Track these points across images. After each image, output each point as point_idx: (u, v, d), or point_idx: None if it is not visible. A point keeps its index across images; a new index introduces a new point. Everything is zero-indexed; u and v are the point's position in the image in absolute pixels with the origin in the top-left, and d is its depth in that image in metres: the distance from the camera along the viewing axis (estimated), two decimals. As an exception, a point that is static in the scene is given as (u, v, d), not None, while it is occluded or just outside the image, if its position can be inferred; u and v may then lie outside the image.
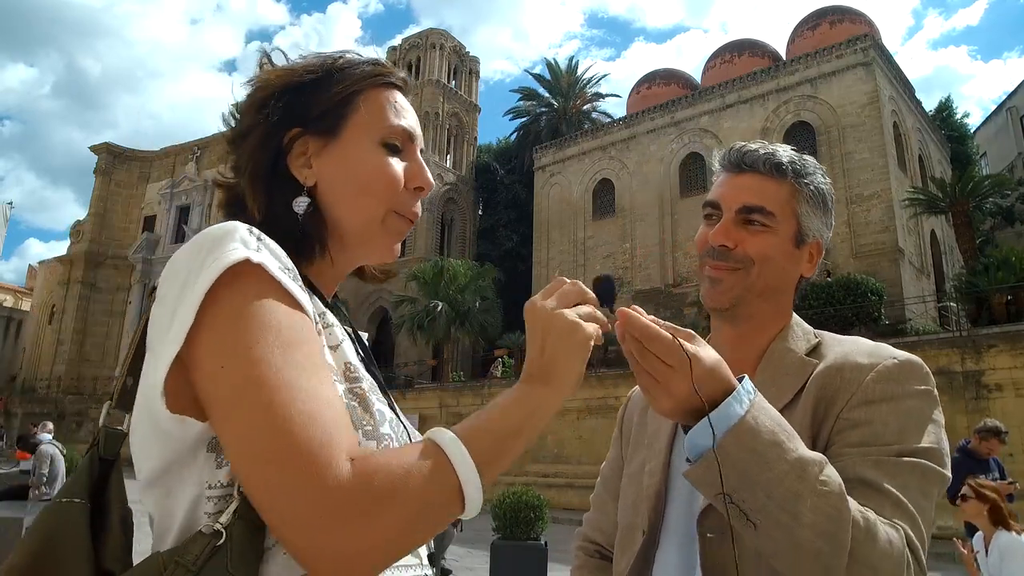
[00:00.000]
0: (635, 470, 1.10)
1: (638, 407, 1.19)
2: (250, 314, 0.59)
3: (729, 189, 1.03)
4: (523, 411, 0.66)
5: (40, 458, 8.16)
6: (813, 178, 1.02)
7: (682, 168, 25.24)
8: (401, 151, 0.79)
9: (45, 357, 35.11)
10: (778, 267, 1.01)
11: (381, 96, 0.79)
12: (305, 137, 0.76)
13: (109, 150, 37.35)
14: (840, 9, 26.79)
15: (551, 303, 0.70)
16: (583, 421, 17.16)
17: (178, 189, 35.56)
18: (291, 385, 0.57)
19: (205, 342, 0.59)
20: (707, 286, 1.04)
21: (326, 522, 0.54)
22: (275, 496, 0.55)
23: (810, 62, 22.74)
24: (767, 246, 1.00)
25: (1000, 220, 26.71)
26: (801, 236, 1.02)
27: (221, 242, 0.61)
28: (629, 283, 25.45)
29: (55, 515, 0.62)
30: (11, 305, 43.07)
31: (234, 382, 0.57)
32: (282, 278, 0.62)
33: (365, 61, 0.80)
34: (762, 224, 1.00)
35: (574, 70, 38.53)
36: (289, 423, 0.55)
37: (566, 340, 0.68)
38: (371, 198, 0.76)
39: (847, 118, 21.34)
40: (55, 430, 9.61)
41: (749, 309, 1.02)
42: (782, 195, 1.01)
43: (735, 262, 1.00)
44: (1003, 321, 13.37)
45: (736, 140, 1.13)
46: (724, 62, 28.22)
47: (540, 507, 6.77)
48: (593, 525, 1.23)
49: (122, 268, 35.54)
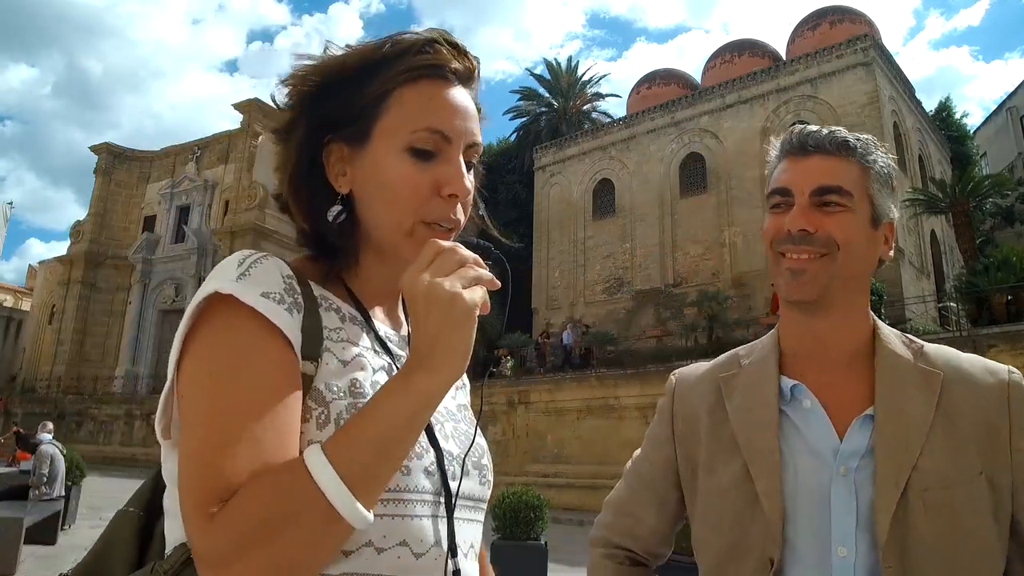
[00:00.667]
0: (725, 484, 0.96)
1: (702, 405, 1.04)
2: (208, 345, 0.63)
3: (798, 173, 0.96)
4: (406, 410, 0.61)
5: (40, 458, 8.17)
6: (878, 155, 0.97)
7: (682, 168, 25.22)
8: (435, 154, 0.72)
9: (45, 357, 35.08)
10: (862, 250, 0.94)
11: (415, 93, 0.72)
12: (339, 143, 0.74)
13: (109, 150, 37.32)
14: (840, 9, 26.78)
15: (427, 276, 0.62)
16: (583, 421, 17.15)
17: (178, 189, 35.52)
18: (214, 418, 0.60)
19: (181, 372, 0.65)
20: (788, 278, 0.95)
21: (200, 561, 0.58)
22: (184, 524, 0.60)
23: (810, 62, 22.73)
24: (850, 227, 0.93)
25: (1000, 220, 26.71)
26: (876, 217, 0.95)
27: (207, 281, 0.66)
28: (629, 283, 25.44)
29: (115, 522, 0.73)
30: (11, 305, 43.07)
31: (182, 414, 0.64)
32: (257, 303, 0.64)
33: (410, 49, 0.72)
34: (839, 205, 0.93)
35: (574, 70, 38.51)
36: (196, 461, 0.60)
37: (445, 314, 0.60)
38: (394, 209, 0.72)
39: (847, 118, 21.32)
40: (55, 430, 9.61)
41: (837, 299, 0.94)
42: (853, 174, 0.95)
43: (819, 246, 0.92)
44: (1003, 321, 13.36)
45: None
46: (724, 62, 28.21)
47: (540, 507, 6.76)
48: (621, 531, 1.11)
49: (122, 268, 35.51)
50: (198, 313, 0.65)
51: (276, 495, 0.57)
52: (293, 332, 0.65)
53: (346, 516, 0.58)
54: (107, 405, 30.07)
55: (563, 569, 8.53)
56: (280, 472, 0.58)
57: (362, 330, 0.75)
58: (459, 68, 0.74)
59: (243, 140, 33.79)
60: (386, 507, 0.66)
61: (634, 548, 1.11)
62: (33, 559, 6.89)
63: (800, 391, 0.96)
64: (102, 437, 29.48)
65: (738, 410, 0.99)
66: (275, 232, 31.79)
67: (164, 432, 0.69)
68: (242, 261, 0.66)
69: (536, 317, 27.30)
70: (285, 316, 0.65)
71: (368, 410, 0.62)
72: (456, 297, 0.61)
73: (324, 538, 0.58)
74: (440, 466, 0.71)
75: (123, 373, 32.82)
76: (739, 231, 23.06)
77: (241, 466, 0.58)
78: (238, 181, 33.01)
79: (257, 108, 34.05)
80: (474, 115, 0.75)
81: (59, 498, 8.25)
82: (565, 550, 9.64)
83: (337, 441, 0.60)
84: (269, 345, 0.63)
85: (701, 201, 24.36)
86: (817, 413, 0.94)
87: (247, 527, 0.56)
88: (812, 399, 0.94)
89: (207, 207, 34.49)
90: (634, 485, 1.12)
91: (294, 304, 0.67)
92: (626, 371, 17.66)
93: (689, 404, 1.07)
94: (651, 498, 1.08)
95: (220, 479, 0.58)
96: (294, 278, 0.69)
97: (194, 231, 33.61)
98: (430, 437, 0.72)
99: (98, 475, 18.57)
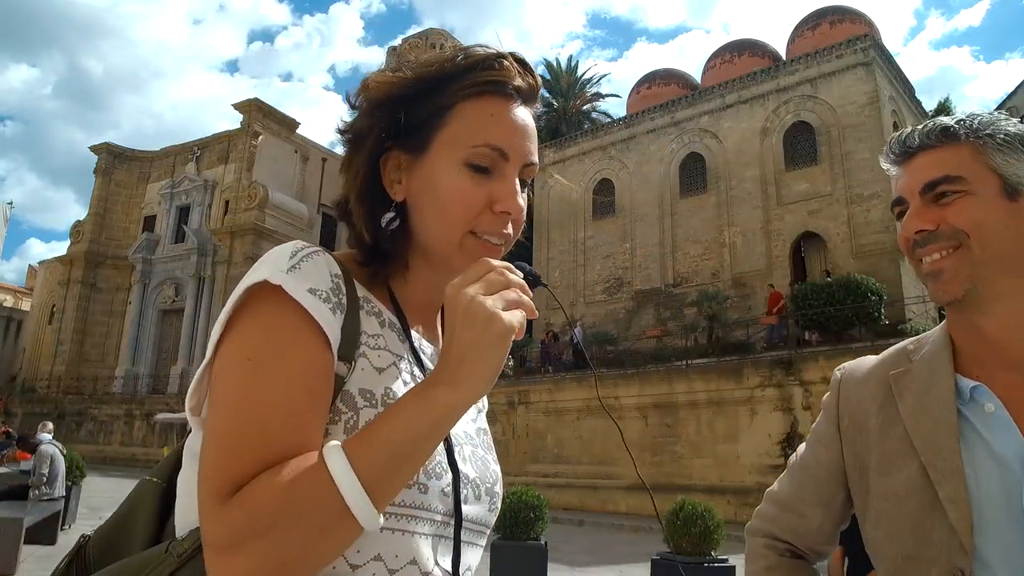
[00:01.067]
0: (901, 488, 0.90)
1: (871, 404, 0.98)
2: (250, 332, 0.64)
3: (907, 177, 0.93)
4: (427, 420, 0.61)
5: (40, 458, 8.17)
6: (996, 127, 0.90)
7: (682, 168, 25.22)
8: (491, 171, 0.72)
9: (45, 357, 35.08)
10: (1001, 228, 0.86)
11: (478, 108, 0.73)
12: (397, 152, 0.74)
13: (109, 150, 37.32)
14: (840, 9, 26.79)
15: (474, 289, 0.63)
16: (583, 421, 17.15)
17: (178, 189, 35.52)
18: (244, 405, 0.61)
19: (219, 354, 0.66)
20: (931, 285, 0.90)
21: (208, 544, 0.58)
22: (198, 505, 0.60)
23: (810, 62, 22.73)
24: (973, 209, 0.87)
25: (1000, 220, 26.72)
26: (1012, 187, 0.88)
27: (257, 266, 0.67)
28: (629, 283, 25.45)
29: (138, 489, 0.75)
30: (11, 305, 43.08)
31: (212, 395, 0.65)
32: (303, 299, 0.64)
33: (478, 63, 0.73)
34: (954, 192, 0.88)
35: (574, 70, 38.53)
36: (218, 443, 0.60)
37: (482, 333, 0.61)
38: (447, 220, 0.72)
39: (847, 118, 21.34)
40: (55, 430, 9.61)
41: (992, 289, 0.87)
42: (964, 156, 0.89)
43: (947, 240, 0.88)
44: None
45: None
46: (724, 62, 28.21)
47: (540, 507, 6.77)
48: (784, 526, 1.07)
49: (122, 268, 35.51)
50: (245, 298, 0.66)
51: (292, 486, 0.57)
52: (334, 332, 0.66)
53: (358, 515, 0.58)
54: (107, 405, 30.07)
55: (563, 569, 8.53)
56: (299, 465, 0.59)
57: (400, 339, 0.75)
58: (522, 86, 0.75)
59: (243, 140, 33.78)
60: (399, 522, 0.66)
61: (796, 543, 1.07)
62: (33, 559, 6.89)
63: (981, 393, 0.89)
64: (102, 437, 29.50)
65: (912, 410, 0.92)
66: (275, 232, 31.78)
67: (194, 409, 0.70)
68: (294, 253, 0.67)
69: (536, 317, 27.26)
70: (328, 315, 0.66)
71: (389, 415, 0.62)
72: (495, 317, 0.61)
73: (333, 535, 0.58)
74: (455, 488, 0.71)
75: (123, 373, 32.82)
76: (739, 231, 23.06)
77: (263, 456, 0.59)
78: (238, 181, 33.01)
79: (257, 108, 34.06)
80: (533, 135, 0.76)
81: (59, 498, 8.25)
82: (565, 550, 9.64)
83: (357, 441, 0.61)
84: (309, 342, 0.64)
85: (701, 201, 24.36)
86: (1001, 418, 0.86)
87: (259, 515, 0.56)
88: (996, 402, 0.87)
89: (207, 207, 34.49)
90: (800, 481, 1.07)
91: (338, 305, 0.67)
92: (626, 371, 17.66)
93: (857, 401, 1.01)
94: (816, 497, 1.04)
95: (240, 466, 0.58)
96: (341, 277, 0.69)
97: (194, 231, 33.60)
98: (449, 458, 0.72)
99: (98, 475, 18.58)
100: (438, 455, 0.71)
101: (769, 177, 22.64)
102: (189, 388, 0.70)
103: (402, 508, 0.66)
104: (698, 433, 15.87)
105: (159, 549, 0.66)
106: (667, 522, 6.13)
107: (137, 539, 0.71)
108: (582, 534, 12.82)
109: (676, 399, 16.28)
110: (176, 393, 29.26)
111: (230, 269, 31.49)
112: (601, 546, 11.27)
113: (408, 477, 0.63)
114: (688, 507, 6.09)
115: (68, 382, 32.65)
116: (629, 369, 17.82)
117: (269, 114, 34.71)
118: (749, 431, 15.14)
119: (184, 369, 30.75)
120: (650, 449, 16.21)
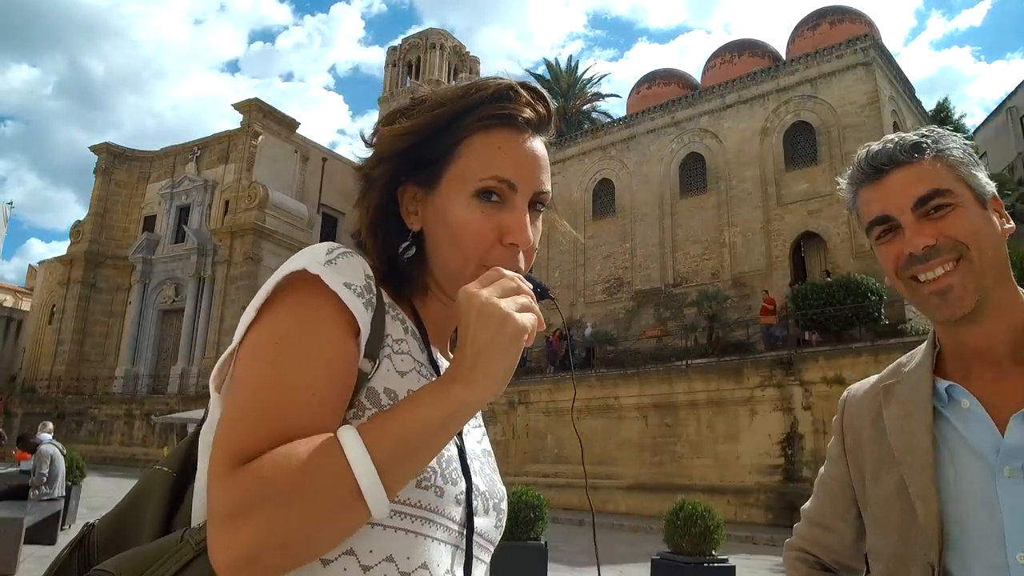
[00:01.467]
0: (888, 492, 0.94)
1: (866, 417, 1.03)
2: (284, 314, 0.66)
3: (888, 195, 0.93)
4: (440, 415, 0.62)
5: (40, 458, 8.16)
6: (953, 141, 0.94)
7: (682, 168, 25.21)
8: (501, 202, 0.74)
9: (45, 357, 35.08)
10: (989, 236, 0.90)
11: (486, 142, 0.74)
12: (412, 186, 0.77)
13: (109, 150, 37.31)
14: (840, 9, 26.78)
15: (488, 292, 0.64)
16: (583, 421, 17.15)
17: (178, 189, 35.51)
18: (268, 380, 0.62)
19: (249, 335, 0.67)
20: (936, 303, 0.90)
21: (212, 513, 0.58)
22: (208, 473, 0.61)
23: (810, 62, 22.72)
24: (967, 220, 0.89)
25: (1000, 220, 26.70)
26: (981, 197, 0.92)
27: (294, 257, 0.69)
28: (629, 283, 25.45)
29: (147, 477, 0.74)
30: (11, 305, 43.07)
31: (235, 372, 0.66)
32: (339, 290, 0.66)
33: (488, 97, 0.75)
34: (946, 204, 0.89)
35: (574, 70, 38.54)
36: (236, 414, 0.62)
37: (496, 333, 0.62)
38: (458, 252, 0.74)
39: (847, 118, 21.34)
40: (55, 430, 9.61)
41: (993, 298, 0.89)
42: (940, 170, 0.91)
43: (948, 253, 0.88)
44: (1003, 321, 13.35)
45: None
46: (724, 62, 28.20)
47: (540, 507, 6.78)
48: (813, 540, 1.11)
49: (122, 268, 35.50)
50: (283, 285, 0.67)
51: (307, 462, 0.58)
52: (366, 325, 0.68)
53: (369, 499, 0.59)
54: (107, 405, 30.07)
55: (563, 569, 8.53)
56: (314, 443, 0.59)
57: (420, 348, 0.77)
58: (531, 117, 0.77)
59: (243, 140, 33.77)
60: (413, 523, 0.67)
61: (824, 557, 1.11)
62: (33, 559, 6.89)
63: (956, 391, 0.92)
64: (102, 437, 29.50)
65: (894, 417, 0.97)
66: (275, 232, 31.79)
67: (219, 387, 0.71)
68: (331, 250, 0.70)
69: (536, 317, 27.27)
70: (362, 308, 0.68)
71: (404, 407, 0.64)
72: (509, 318, 0.63)
73: (340, 517, 0.59)
74: (468, 497, 0.73)
75: (123, 373, 32.81)
76: (739, 231, 23.05)
77: (279, 432, 0.60)
78: (238, 181, 33.00)
79: (257, 108, 34.04)
80: (544, 164, 0.78)
81: (59, 498, 8.25)
82: (565, 550, 9.64)
83: (371, 426, 0.62)
84: (340, 332, 0.66)
85: (701, 201, 24.35)
86: (976, 412, 0.90)
87: (271, 483, 0.56)
88: (970, 398, 0.91)
89: (207, 207, 34.48)
90: (821, 498, 1.12)
91: (370, 302, 0.69)
92: (626, 371, 17.66)
93: (856, 417, 1.06)
94: (835, 511, 1.09)
95: (256, 439, 0.59)
96: (373, 279, 0.71)
97: (194, 231, 33.58)
98: (463, 467, 0.73)
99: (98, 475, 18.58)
100: (454, 462, 0.72)
101: (769, 177, 22.63)
102: (214, 370, 0.70)
103: (417, 509, 0.67)
104: (698, 433, 15.87)
105: (173, 537, 0.65)
106: (667, 522, 6.13)
107: (146, 528, 0.70)
108: (582, 534, 12.81)
109: (676, 399, 16.29)
110: (176, 393, 29.26)
111: (230, 269, 31.49)
112: (601, 546, 11.25)
113: (418, 468, 0.64)
114: (688, 507, 6.09)
115: (68, 382, 32.64)
116: (629, 369, 17.83)
117: (269, 114, 34.70)
118: (749, 431, 15.15)
119: (184, 369, 30.73)
120: (650, 449, 16.22)
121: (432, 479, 0.68)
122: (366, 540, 0.64)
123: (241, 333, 0.68)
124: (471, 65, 41.11)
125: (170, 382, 31.00)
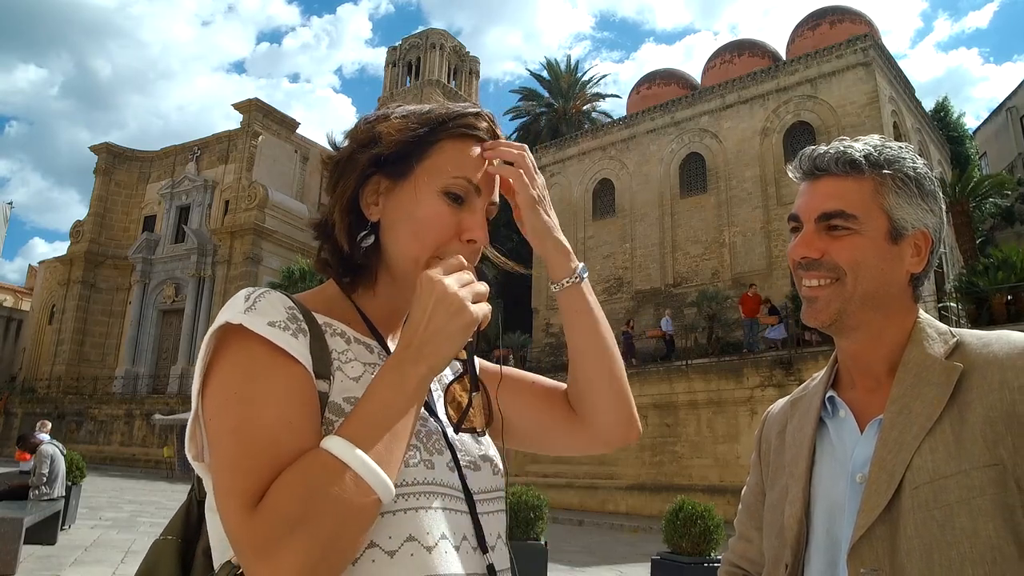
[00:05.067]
0: (776, 499, 1.01)
1: (775, 429, 1.10)
2: (228, 371, 0.69)
3: (807, 198, 0.97)
4: (402, 392, 0.68)
5: (40, 458, 8.16)
6: (899, 165, 0.94)
7: (682, 168, 25.22)
8: (464, 201, 0.81)
9: (45, 357, 35.10)
10: (874, 270, 0.92)
11: (458, 147, 0.82)
12: (378, 176, 0.82)
13: (109, 150, 37.32)
14: (840, 9, 26.78)
15: (445, 280, 0.71)
16: (583, 421, 17.14)
17: (178, 189, 35.52)
18: (242, 432, 0.65)
19: (206, 399, 0.71)
20: (804, 306, 0.97)
21: (248, 556, 0.61)
22: (226, 528, 0.64)
23: (810, 62, 22.73)
24: (855, 250, 0.92)
25: (1000, 220, 26.70)
26: (897, 231, 0.93)
27: (219, 314, 0.72)
28: (629, 283, 25.45)
29: (155, 550, 0.80)
30: (11, 305, 43.07)
31: (209, 435, 0.69)
32: (266, 332, 0.69)
33: (460, 114, 0.83)
34: (845, 228, 0.92)
35: (574, 70, 38.53)
36: (229, 468, 0.64)
37: (450, 320, 0.69)
38: (418, 241, 0.79)
39: (847, 118, 21.34)
40: (54, 430, 9.60)
41: (854, 320, 0.94)
42: (864, 193, 0.93)
43: (827, 271, 0.93)
44: (1003, 321, 13.36)
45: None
46: (724, 62, 28.20)
47: (540, 507, 6.77)
48: (739, 553, 1.15)
49: (122, 268, 35.52)
50: (215, 344, 0.71)
51: (306, 476, 0.62)
52: (301, 353, 0.71)
53: (369, 481, 0.63)
54: (107, 405, 30.07)
55: (563, 569, 8.53)
56: (304, 460, 0.64)
57: (367, 349, 0.81)
58: (486, 134, 0.85)
59: (243, 140, 33.78)
60: (419, 500, 0.71)
61: (750, 570, 1.13)
62: (33, 559, 6.90)
63: (836, 401, 0.99)
64: (102, 437, 29.51)
65: (793, 429, 1.04)
66: (275, 232, 31.80)
67: (197, 457, 0.75)
68: (248, 297, 0.73)
69: (536, 317, 27.30)
70: (291, 340, 0.71)
71: (366, 398, 0.68)
72: (465, 309, 0.70)
73: (357, 509, 0.62)
74: (456, 463, 0.78)
75: (123, 373, 32.82)
76: (739, 231, 23.06)
77: (275, 465, 0.63)
78: (238, 181, 33.01)
79: (257, 108, 34.06)
80: (497, 183, 0.87)
81: (59, 498, 8.24)
82: (565, 550, 9.65)
83: (345, 425, 0.67)
84: (280, 365, 0.69)
85: (701, 201, 24.36)
86: (847, 420, 0.96)
87: (289, 509, 0.60)
88: (845, 408, 0.97)
89: (207, 207, 34.48)
90: (742, 509, 1.17)
91: (298, 329, 0.72)
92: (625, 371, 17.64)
93: (767, 432, 1.13)
94: (753, 522, 1.12)
95: (254, 479, 0.63)
96: (296, 308, 0.75)
97: (194, 231, 33.59)
98: (444, 437, 0.79)
99: (98, 475, 18.59)
100: (434, 435, 0.78)
101: (769, 177, 22.64)
102: (186, 440, 0.74)
103: (417, 486, 0.71)
104: (698, 433, 15.87)
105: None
106: (667, 522, 6.13)
107: None
108: (582, 534, 12.82)
109: (676, 399, 16.28)
110: (176, 393, 29.26)
111: (230, 269, 31.50)
112: (601, 546, 11.27)
113: (403, 445, 0.68)
114: (688, 507, 6.08)
115: (68, 382, 32.66)
116: (629, 369, 17.81)
117: (269, 114, 34.71)
118: (749, 431, 15.13)
119: (184, 369, 30.74)
120: (650, 449, 16.21)
121: (418, 455, 0.73)
122: (383, 529, 0.68)
123: (196, 400, 0.72)
124: (471, 65, 41.08)
125: (170, 382, 31.02)
